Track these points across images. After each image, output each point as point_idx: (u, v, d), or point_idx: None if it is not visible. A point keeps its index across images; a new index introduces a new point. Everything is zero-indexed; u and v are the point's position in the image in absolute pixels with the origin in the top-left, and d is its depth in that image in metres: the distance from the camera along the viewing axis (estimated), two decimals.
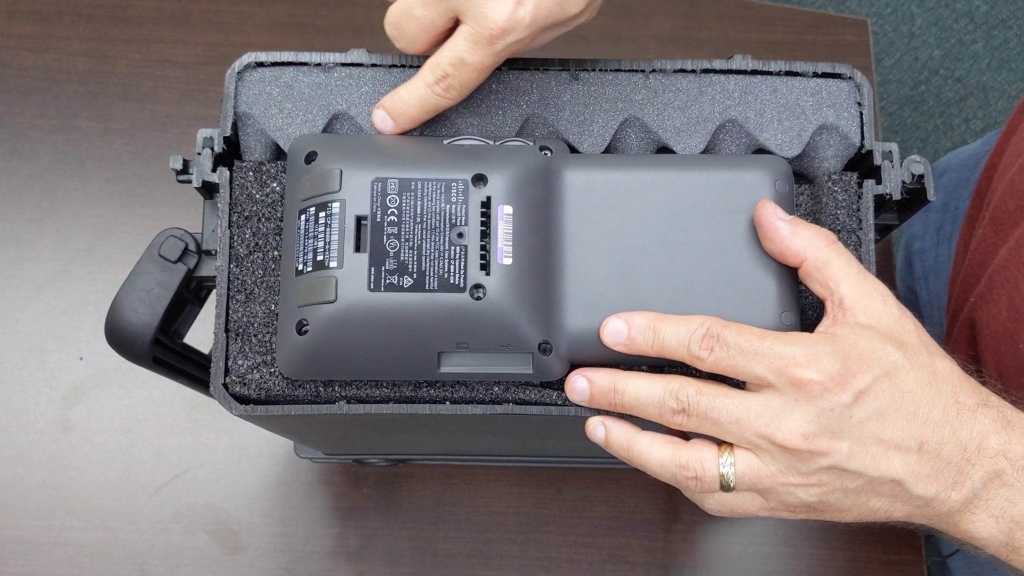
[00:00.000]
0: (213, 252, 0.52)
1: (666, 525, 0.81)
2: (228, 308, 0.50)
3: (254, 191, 0.51)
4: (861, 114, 0.51)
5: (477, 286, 0.45)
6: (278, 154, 0.52)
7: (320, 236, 0.46)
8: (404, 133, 0.51)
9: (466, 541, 0.81)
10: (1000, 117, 1.70)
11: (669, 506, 0.82)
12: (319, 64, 0.52)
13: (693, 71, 0.52)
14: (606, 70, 0.52)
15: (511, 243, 0.45)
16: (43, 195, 0.88)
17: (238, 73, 0.52)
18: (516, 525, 0.81)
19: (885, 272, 0.90)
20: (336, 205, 0.46)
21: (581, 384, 0.47)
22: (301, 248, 0.46)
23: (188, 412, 0.83)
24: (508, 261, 0.45)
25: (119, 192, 0.88)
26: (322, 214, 0.46)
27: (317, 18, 0.94)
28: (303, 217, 0.47)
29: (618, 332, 0.46)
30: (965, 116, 1.69)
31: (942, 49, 1.72)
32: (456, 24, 0.49)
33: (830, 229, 0.50)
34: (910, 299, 0.92)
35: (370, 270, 0.45)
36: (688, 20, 0.96)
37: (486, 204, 0.46)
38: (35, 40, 0.92)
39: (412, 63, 0.52)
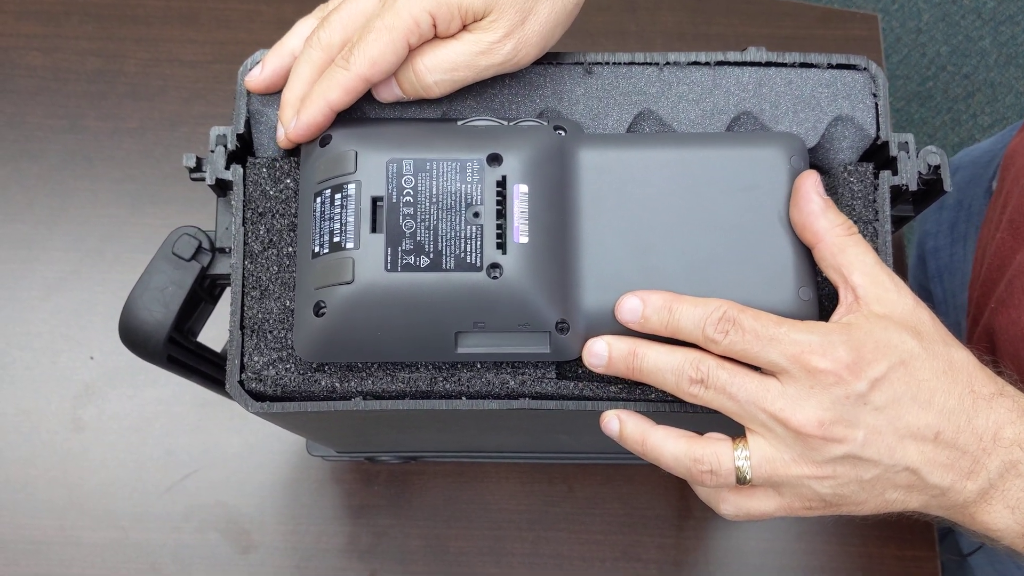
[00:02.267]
0: (227, 249, 0.52)
1: (679, 522, 0.81)
2: (243, 305, 0.50)
3: (268, 187, 0.50)
4: (876, 105, 0.51)
5: (494, 265, 0.45)
6: (291, 151, 0.52)
7: (336, 218, 0.46)
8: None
9: (478, 539, 0.81)
10: (1008, 113, 1.69)
11: (682, 503, 0.81)
12: None
13: (707, 63, 0.52)
14: (620, 64, 0.52)
15: (527, 222, 0.45)
16: (53, 196, 0.88)
17: (250, 70, 0.51)
18: (527, 523, 0.81)
19: (898, 269, 0.89)
20: (352, 186, 0.46)
21: (600, 347, 0.47)
22: (317, 230, 0.46)
23: (199, 411, 0.83)
24: (524, 240, 0.45)
25: (129, 192, 0.88)
26: (338, 196, 0.46)
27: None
28: (319, 200, 0.47)
29: (633, 310, 0.46)
30: (973, 112, 1.69)
31: (949, 45, 1.72)
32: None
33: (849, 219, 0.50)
34: (924, 297, 0.91)
35: (387, 250, 0.45)
36: (696, 15, 0.96)
37: (501, 183, 0.46)
38: (43, 40, 0.92)
39: None
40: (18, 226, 0.87)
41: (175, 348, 0.53)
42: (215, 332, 0.56)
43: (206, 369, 0.58)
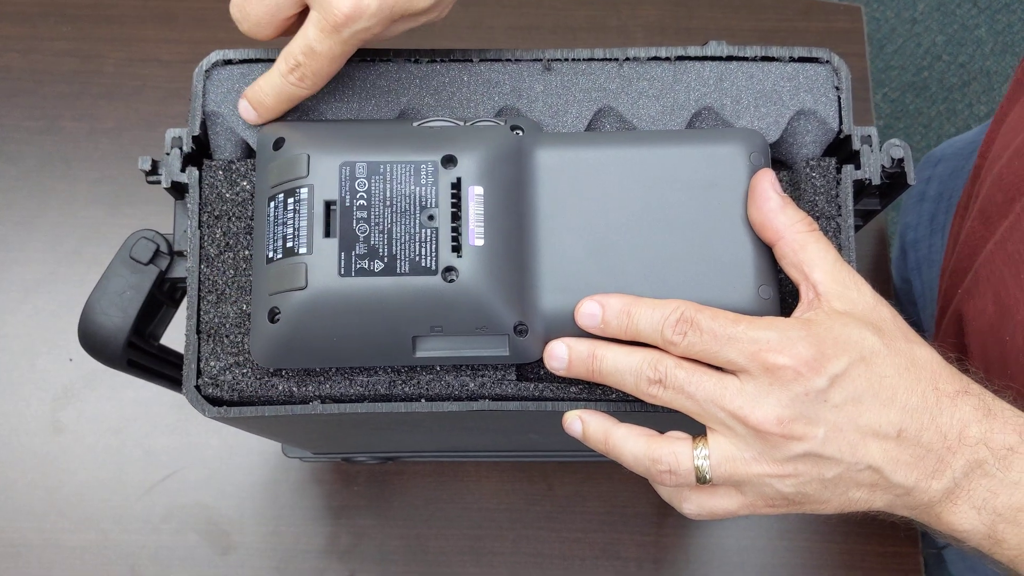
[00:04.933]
0: (185, 253, 0.51)
1: (658, 519, 0.81)
2: (199, 309, 0.49)
3: (224, 190, 0.50)
4: (839, 98, 0.50)
5: (449, 268, 0.44)
6: (248, 152, 0.51)
7: (289, 222, 0.45)
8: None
9: (457, 538, 0.80)
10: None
11: (662, 500, 0.80)
12: None
13: (667, 59, 0.51)
14: (579, 60, 0.51)
15: (482, 224, 0.45)
16: (31, 197, 0.88)
17: (206, 71, 0.51)
18: (508, 522, 0.81)
19: (880, 263, 0.89)
20: (304, 190, 0.45)
21: (560, 351, 0.47)
22: (271, 235, 0.46)
23: (177, 412, 0.82)
24: (480, 242, 0.45)
25: (106, 193, 0.88)
26: (291, 200, 0.45)
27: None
28: (272, 204, 0.46)
29: (592, 315, 0.46)
30: (969, 102, 1.68)
31: (945, 34, 1.70)
32: (308, 11, 0.48)
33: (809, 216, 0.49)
34: (905, 290, 0.91)
35: (340, 255, 0.44)
36: (677, 8, 0.95)
37: (456, 185, 0.45)
38: (20, 41, 0.91)
39: (382, 56, 0.51)
40: None
41: (135, 352, 0.53)
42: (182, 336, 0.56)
43: (170, 372, 0.57)
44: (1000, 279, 0.58)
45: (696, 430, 0.46)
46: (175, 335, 0.56)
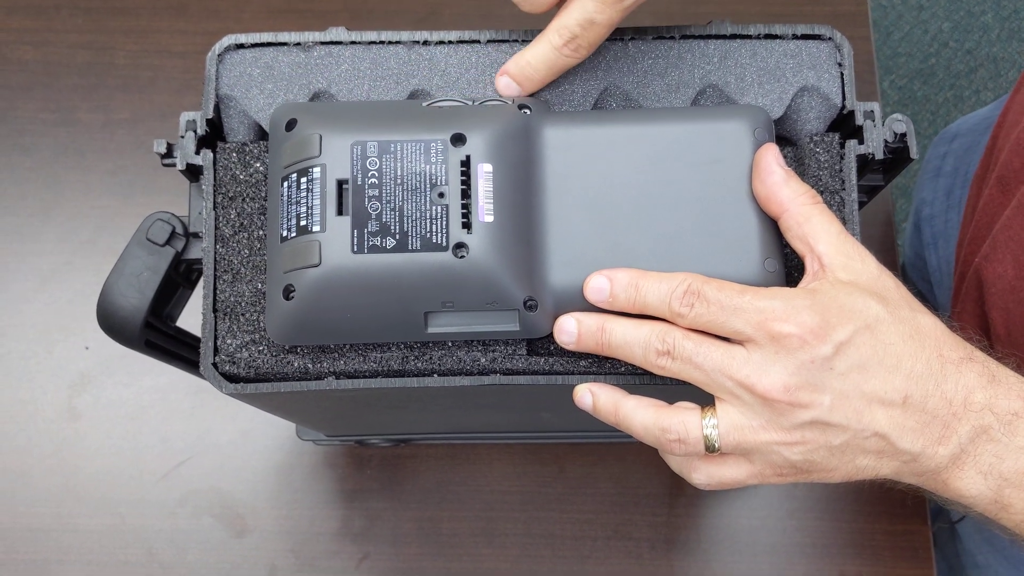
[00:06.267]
0: (200, 234, 0.52)
1: (670, 500, 0.81)
2: (215, 288, 0.50)
3: (238, 172, 0.51)
4: (842, 75, 0.51)
5: (460, 245, 0.45)
6: (261, 135, 0.52)
7: (303, 201, 0.46)
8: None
9: (470, 520, 0.81)
10: (1011, 88, 1.67)
11: (673, 480, 0.82)
12: (299, 44, 0.52)
13: (672, 37, 0.52)
14: None
15: (492, 201, 0.46)
16: (46, 188, 0.89)
17: (219, 55, 0.52)
18: (520, 503, 0.82)
19: (886, 240, 0.89)
20: (317, 170, 0.46)
21: (570, 325, 0.48)
22: (285, 214, 0.47)
23: (193, 398, 0.84)
24: (490, 219, 0.45)
25: (121, 183, 0.89)
26: (304, 179, 0.46)
27: (313, 3, 0.94)
28: (286, 184, 0.47)
29: (600, 289, 0.47)
30: (976, 88, 1.68)
31: (951, 21, 1.70)
32: None
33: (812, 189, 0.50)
34: (919, 265, 0.91)
35: (353, 232, 0.45)
36: None
37: (466, 163, 0.46)
38: (34, 34, 0.92)
39: (393, 39, 0.52)
40: (11, 219, 0.88)
41: (153, 333, 0.54)
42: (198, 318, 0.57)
43: (186, 354, 0.58)
44: (1019, 243, 0.58)
45: (705, 401, 0.47)
46: (191, 319, 0.57)
